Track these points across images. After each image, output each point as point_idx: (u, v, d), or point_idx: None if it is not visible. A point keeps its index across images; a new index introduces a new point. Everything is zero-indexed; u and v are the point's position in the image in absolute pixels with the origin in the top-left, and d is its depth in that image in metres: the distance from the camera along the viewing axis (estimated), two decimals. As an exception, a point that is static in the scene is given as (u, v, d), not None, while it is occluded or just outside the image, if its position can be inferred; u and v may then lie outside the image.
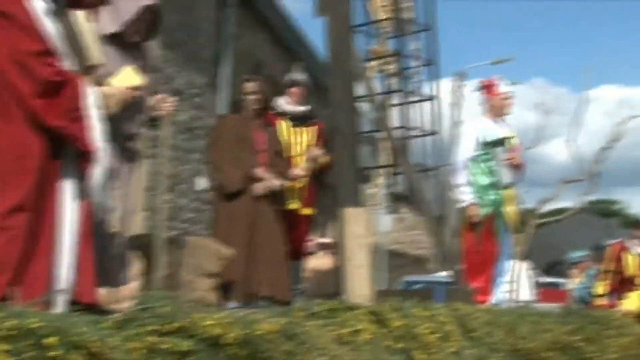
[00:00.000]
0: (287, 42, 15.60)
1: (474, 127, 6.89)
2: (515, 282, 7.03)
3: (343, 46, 6.15)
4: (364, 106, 6.34)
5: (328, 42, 6.17)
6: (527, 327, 5.63)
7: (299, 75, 6.54)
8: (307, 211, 6.44)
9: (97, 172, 3.44)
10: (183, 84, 11.53)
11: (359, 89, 6.21)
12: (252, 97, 6.01)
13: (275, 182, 5.86)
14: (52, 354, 2.86)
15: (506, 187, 6.80)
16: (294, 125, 6.42)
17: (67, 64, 3.45)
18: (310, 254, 7.46)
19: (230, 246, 5.47)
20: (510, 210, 6.82)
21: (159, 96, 4.60)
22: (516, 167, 6.84)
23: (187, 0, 11.64)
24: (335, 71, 6.12)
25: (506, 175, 6.77)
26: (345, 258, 5.95)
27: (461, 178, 6.80)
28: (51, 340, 2.86)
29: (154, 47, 7.64)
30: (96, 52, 3.57)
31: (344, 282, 5.92)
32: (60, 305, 3.27)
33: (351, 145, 6.09)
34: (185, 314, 3.38)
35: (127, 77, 4.31)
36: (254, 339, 3.65)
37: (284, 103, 6.48)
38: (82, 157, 3.41)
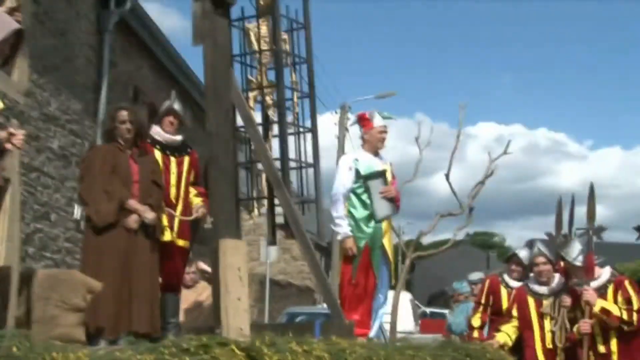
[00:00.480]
0: (167, 69, 15.40)
1: (350, 160, 6.92)
2: (395, 313, 7.06)
3: (221, 75, 6.06)
4: (243, 136, 6.23)
5: (206, 71, 6.07)
6: (401, 358, 5.62)
7: (174, 103, 6.40)
8: (182, 243, 6.27)
9: None
10: (58, 110, 11.15)
11: (237, 119, 6.10)
12: (124, 125, 5.82)
13: (148, 215, 5.67)
14: None
15: (382, 219, 6.82)
16: (169, 154, 6.26)
17: None
18: (188, 286, 7.28)
19: (99, 279, 5.23)
20: (387, 242, 6.85)
21: (8, 130, 4.35)
22: (391, 200, 6.88)
23: (62, 24, 11.29)
24: (213, 101, 6.02)
25: (382, 208, 6.80)
26: (222, 291, 5.82)
27: (338, 210, 6.79)
28: None
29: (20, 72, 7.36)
30: None
31: (220, 316, 5.78)
32: None
33: (228, 176, 5.98)
34: (37, 355, 3.17)
35: None
36: (117, 379, 3.47)
37: (160, 131, 6.32)
38: None
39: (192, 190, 6.38)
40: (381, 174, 6.84)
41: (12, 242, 8.95)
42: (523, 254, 7.63)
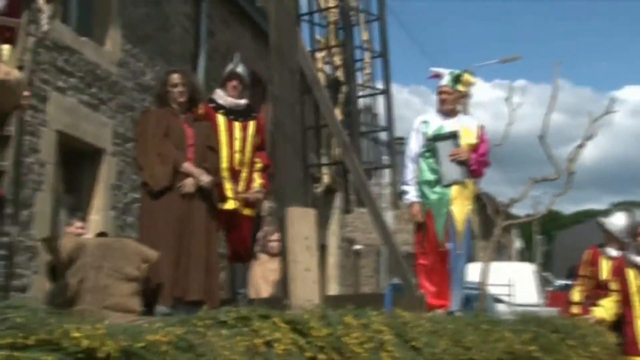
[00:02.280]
0: (267, 36, 15.24)
1: (418, 122, 6.50)
2: (515, 285, 6.65)
3: (287, 35, 5.81)
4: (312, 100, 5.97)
5: (270, 31, 5.83)
6: (476, 336, 5.26)
7: (237, 67, 6.18)
8: (247, 211, 6.08)
9: None
10: (153, 80, 11.19)
11: (304, 82, 5.83)
12: (176, 89, 5.65)
13: (204, 178, 5.49)
14: None
15: (450, 184, 6.38)
16: (233, 119, 6.06)
17: None
18: (275, 254, 7.12)
19: (156, 247, 5.11)
20: (456, 209, 6.38)
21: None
22: (462, 163, 6.42)
23: (157, -6, 11.30)
24: (278, 62, 5.77)
25: (450, 172, 6.36)
26: (290, 260, 5.61)
27: (405, 175, 6.42)
28: None
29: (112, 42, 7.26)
30: None
31: (288, 287, 5.58)
32: None
33: (294, 141, 5.74)
34: (46, 325, 3.02)
35: (10, 58, 3.99)
36: (137, 352, 3.28)
37: (223, 95, 6.12)
38: None
39: (257, 162, 6.15)
40: (452, 135, 6.39)
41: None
42: (615, 221, 7.06)
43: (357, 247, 22.55)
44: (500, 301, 13.91)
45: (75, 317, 3.34)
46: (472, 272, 7.96)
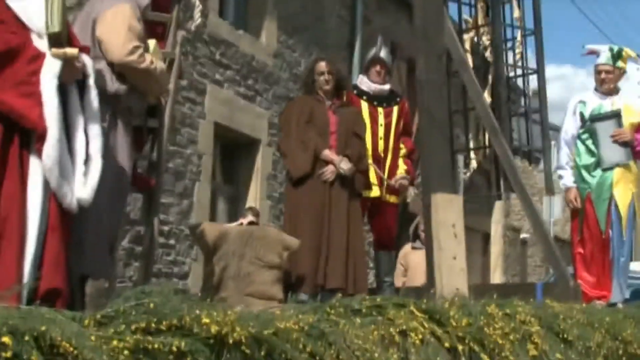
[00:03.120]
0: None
1: (574, 102, 6.13)
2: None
3: (432, 17, 5.64)
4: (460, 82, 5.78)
5: (415, 13, 5.69)
6: (637, 330, 4.92)
7: (380, 51, 6.07)
8: (392, 199, 5.97)
9: (51, 154, 3.14)
10: (309, 70, 11.28)
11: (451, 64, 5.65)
12: (323, 77, 5.62)
13: (344, 166, 5.42)
14: (5, 354, 2.62)
15: (610, 166, 5.97)
16: (376, 105, 5.96)
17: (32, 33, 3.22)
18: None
19: (298, 235, 5.11)
20: (619, 193, 5.98)
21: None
22: (625, 144, 6.00)
23: (311, -15, 11.36)
24: (423, 44, 5.62)
25: (611, 154, 5.95)
26: (435, 248, 5.47)
27: (560, 159, 6.07)
28: (4, 339, 2.62)
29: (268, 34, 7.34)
30: (55, 19, 3.27)
31: (434, 275, 5.44)
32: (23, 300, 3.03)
33: (441, 125, 5.58)
34: (178, 311, 3.06)
35: (154, 52, 4.10)
36: (267, 339, 3.27)
37: (366, 81, 6.04)
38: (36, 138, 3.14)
39: (402, 148, 6.03)
40: (613, 115, 5.98)
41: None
42: None
43: (524, 235, 21.86)
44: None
45: (207, 303, 3.37)
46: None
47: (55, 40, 3.26)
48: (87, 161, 3.33)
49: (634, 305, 5.76)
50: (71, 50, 3.27)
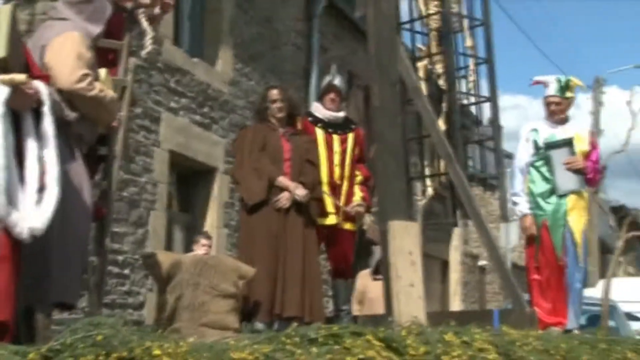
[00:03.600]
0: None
1: (527, 130, 6.20)
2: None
3: (387, 45, 5.66)
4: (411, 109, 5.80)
5: (370, 41, 5.70)
6: (592, 356, 4.92)
7: (334, 79, 6.08)
8: (349, 226, 5.94)
9: None
10: (265, 98, 11.27)
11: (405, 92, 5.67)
12: (275, 105, 5.62)
13: (299, 192, 5.40)
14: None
15: (565, 193, 6.04)
16: (332, 132, 5.95)
17: None
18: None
19: (253, 262, 5.06)
20: (573, 220, 6.04)
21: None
22: (578, 172, 6.07)
23: (267, 12, 11.39)
24: (378, 72, 5.64)
25: (566, 181, 6.02)
26: (393, 276, 5.45)
27: (515, 186, 6.12)
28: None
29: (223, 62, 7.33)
30: (1, 44, 3.22)
31: (391, 303, 5.42)
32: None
33: (396, 152, 5.58)
34: (127, 343, 2.98)
35: (105, 80, 4.05)
36: (221, 371, 3.21)
37: (321, 109, 6.03)
38: None
39: (358, 175, 6.03)
40: (566, 143, 6.06)
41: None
42: None
43: (482, 262, 22.00)
44: (637, 319, 13.21)
45: (159, 334, 3.30)
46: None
47: (2, 66, 3.20)
48: (41, 190, 3.26)
49: (589, 332, 5.79)
50: (19, 77, 3.20)
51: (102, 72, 4.10)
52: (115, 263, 8.04)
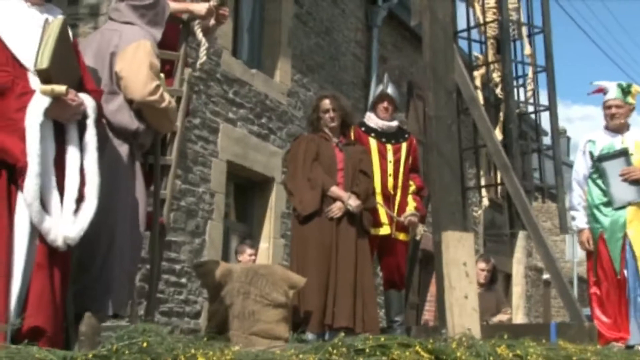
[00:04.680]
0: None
1: (584, 142, 6.03)
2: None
3: (442, 54, 5.60)
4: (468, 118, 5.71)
5: (426, 51, 5.64)
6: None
7: (387, 88, 6.02)
8: (402, 236, 5.87)
9: (30, 188, 3.10)
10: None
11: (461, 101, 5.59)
12: (327, 114, 5.59)
13: (352, 202, 5.35)
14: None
15: (622, 205, 5.85)
16: (385, 142, 5.90)
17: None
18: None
19: (305, 272, 5.03)
20: (634, 232, 5.85)
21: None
22: (636, 182, 5.88)
23: (326, 23, 11.40)
24: (433, 82, 5.57)
25: (622, 192, 5.84)
26: (446, 287, 5.36)
27: (572, 200, 5.95)
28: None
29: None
30: (45, 56, 3.25)
31: (444, 315, 5.33)
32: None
33: (451, 162, 5.50)
34: (172, 350, 2.98)
35: (163, 85, 4.07)
36: (265, 380, 3.19)
37: (374, 118, 5.99)
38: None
39: (412, 185, 5.96)
40: (621, 153, 5.88)
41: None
42: None
43: (547, 276, 21.59)
44: None
45: (203, 342, 3.30)
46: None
47: (44, 78, 3.25)
48: (80, 200, 3.28)
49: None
50: (59, 88, 3.24)
51: (161, 77, 4.13)
52: (172, 272, 8.11)
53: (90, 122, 3.40)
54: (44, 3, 3.49)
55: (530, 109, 6.13)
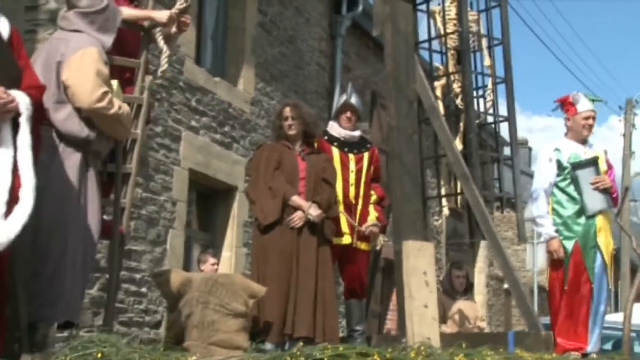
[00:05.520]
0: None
1: (550, 150, 6.07)
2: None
3: (404, 64, 5.64)
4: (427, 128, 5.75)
5: (387, 60, 5.68)
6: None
7: (350, 97, 6.05)
8: (363, 246, 5.89)
9: None
10: (287, 118, 11.25)
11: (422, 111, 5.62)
12: (287, 122, 5.59)
13: (312, 212, 5.35)
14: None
15: (595, 214, 5.92)
16: (347, 151, 5.92)
17: None
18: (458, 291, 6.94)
19: (265, 282, 5.02)
20: (602, 240, 5.92)
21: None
22: (605, 191, 5.96)
23: (290, 32, 11.42)
24: (395, 91, 5.61)
25: (595, 201, 5.90)
26: (406, 296, 5.39)
27: (540, 208, 5.96)
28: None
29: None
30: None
31: (404, 324, 5.35)
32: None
33: (412, 172, 5.54)
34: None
35: (117, 93, 4.06)
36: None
37: (336, 127, 6.00)
38: None
39: (373, 194, 5.99)
40: (592, 162, 5.96)
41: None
42: None
43: (505, 285, 21.74)
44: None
45: (160, 352, 3.28)
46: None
47: None
48: (11, 202, 3.18)
49: (608, 356, 5.67)
50: None
51: (114, 84, 4.11)
52: (132, 281, 8.04)
53: (23, 120, 3.31)
54: None
55: (490, 119, 6.21)
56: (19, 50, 3.51)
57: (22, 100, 3.32)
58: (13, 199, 3.19)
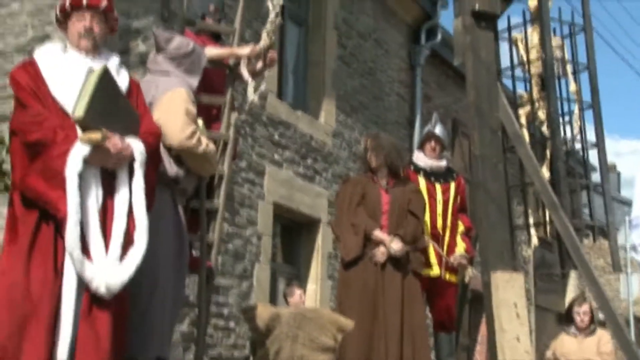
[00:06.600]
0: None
1: None
2: None
3: (486, 93, 5.59)
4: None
5: (470, 90, 5.64)
6: None
7: (435, 127, 6.00)
8: (452, 278, 5.80)
9: (69, 237, 3.12)
10: (368, 149, 11.25)
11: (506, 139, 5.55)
12: (369, 154, 5.56)
13: (394, 246, 5.26)
14: None
15: None
16: (433, 181, 5.86)
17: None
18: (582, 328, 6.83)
19: (350, 317, 4.98)
20: None
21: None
22: None
23: (370, 64, 11.47)
24: (478, 120, 5.56)
25: None
26: (497, 329, 5.29)
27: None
28: None
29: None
30: (81, 105, 3.28)
31: (495, 357, 5.25)
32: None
33: (498, 201, 5.46)
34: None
35: (202, 130, 4.13)
36: None
37: (422, 157, 5.96)
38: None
39: (460, 225, 5.90)
40: None
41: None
42: None
43: (602, 315, 21.03)
44: None
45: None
46: None
47: (82, 126, 3.30)
48: (128, 245, 3.30)
49: None
50: (95, 135, 3.27)
51: (199, 122, 4.20)
52: (220, 316, 8.12)
53: (137, 165, 3.43)
54: (96, 51, 3.56)
55: (578, 146, 6.08)
56: (138, 99, 3.64)
57: (136, 146, 3.43)
58: (128, 241, 3.31)
